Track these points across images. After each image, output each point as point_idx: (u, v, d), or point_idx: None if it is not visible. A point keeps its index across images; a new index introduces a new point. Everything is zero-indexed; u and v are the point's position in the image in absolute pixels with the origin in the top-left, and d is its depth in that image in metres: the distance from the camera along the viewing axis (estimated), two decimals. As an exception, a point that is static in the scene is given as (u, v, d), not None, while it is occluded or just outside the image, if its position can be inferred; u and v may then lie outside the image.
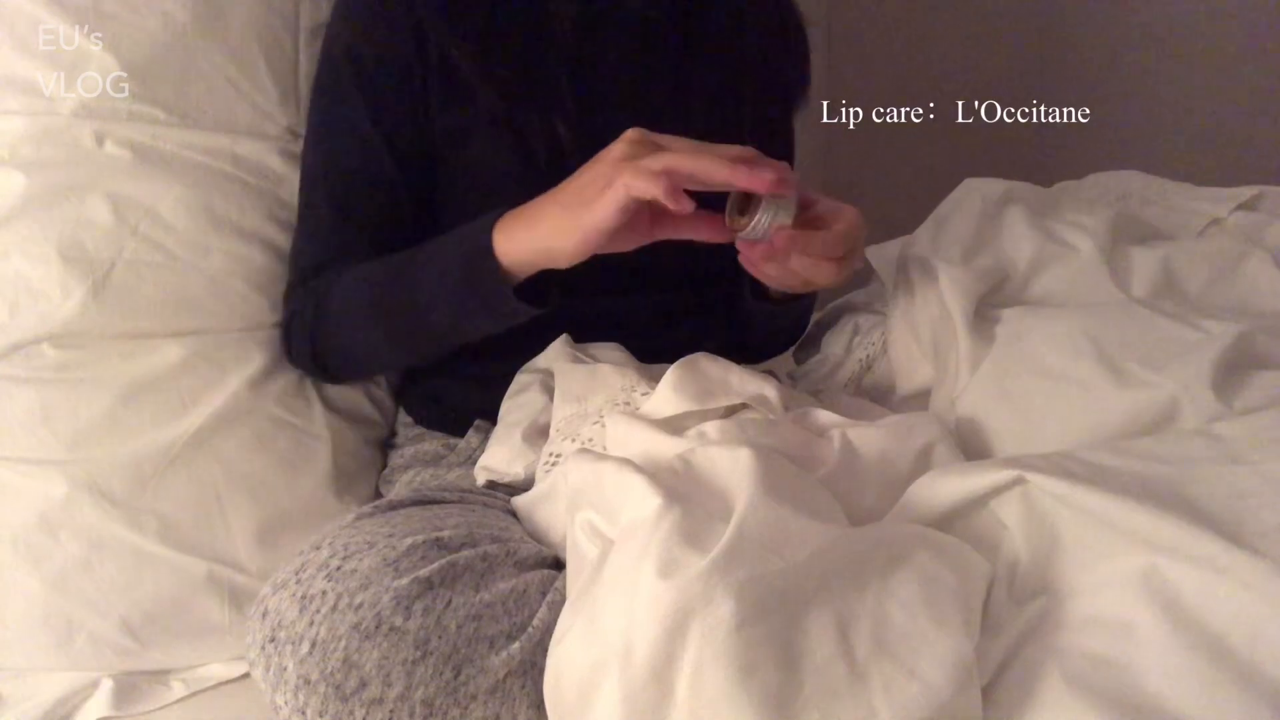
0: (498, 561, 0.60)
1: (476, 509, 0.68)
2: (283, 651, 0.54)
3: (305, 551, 0.58)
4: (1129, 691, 0.48)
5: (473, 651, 0.55)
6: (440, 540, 0.59)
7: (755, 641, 0.47)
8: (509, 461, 0.74)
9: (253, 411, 0.86)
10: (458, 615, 0.55)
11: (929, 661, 0.49)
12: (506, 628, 0.57)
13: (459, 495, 0.71)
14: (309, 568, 0.56)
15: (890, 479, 0.65)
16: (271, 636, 0.54)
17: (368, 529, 0.60)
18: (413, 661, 0.53)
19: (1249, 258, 0.85)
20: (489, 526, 0.64)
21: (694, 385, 0.69)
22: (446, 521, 0.62)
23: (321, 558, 0.57)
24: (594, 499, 0.57)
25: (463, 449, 0.86)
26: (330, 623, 0.53)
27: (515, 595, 0.59)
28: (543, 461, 0.72)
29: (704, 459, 0.57)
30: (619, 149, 0.64)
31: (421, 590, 0.55)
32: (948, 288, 0.81)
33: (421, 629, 0.54)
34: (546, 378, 0.79)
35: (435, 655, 0.54)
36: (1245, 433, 0.61)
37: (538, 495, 0.68)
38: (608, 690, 0.48)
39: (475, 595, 0.57)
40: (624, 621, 0.48)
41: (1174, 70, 1.55)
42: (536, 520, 0.69)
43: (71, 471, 0.79)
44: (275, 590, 0.56)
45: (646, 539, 0.49)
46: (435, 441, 0.90)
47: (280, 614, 0.55)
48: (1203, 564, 0.51)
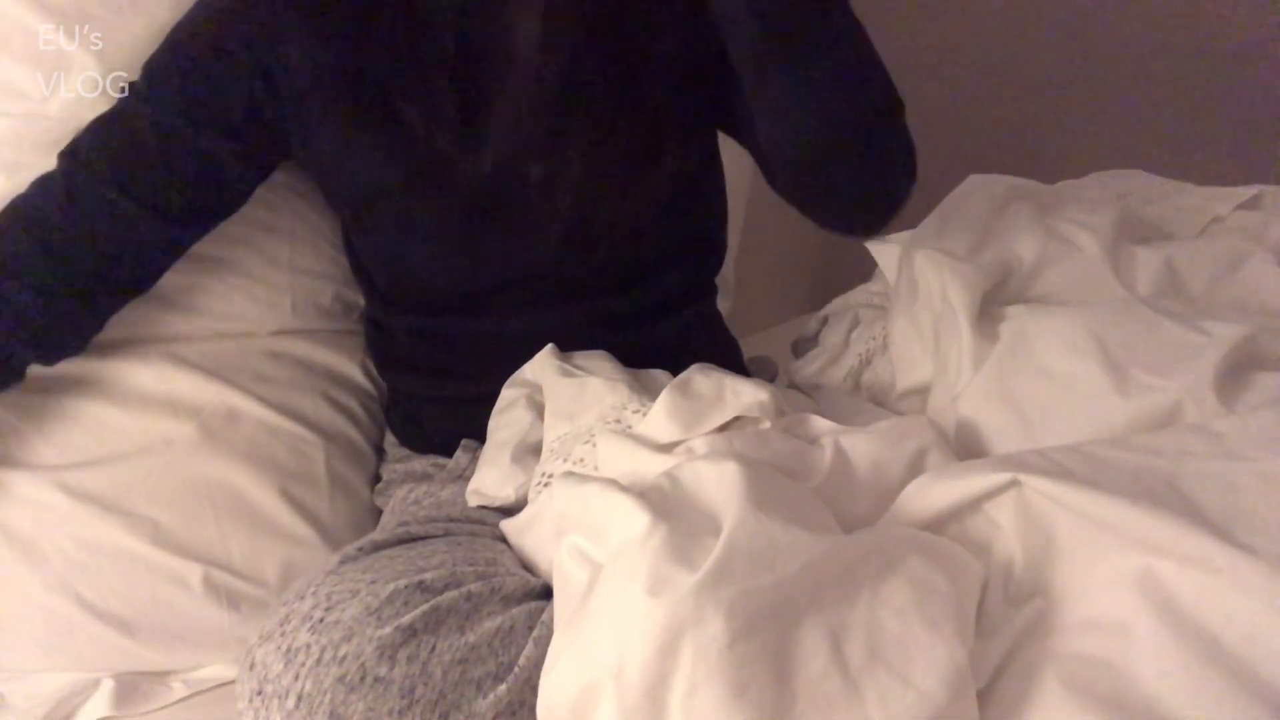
0: (483, 600, 0.59)
1: (463, 540, 0.68)
2: (269, 705, 0.54)
3: (290, 601, 0.58)
4: (1125, 693, 0.48)
5: (459, 696, 0.55)
6: (423, 583, 0.58)
7: (748, 658, 0.47)
8: (499, 485, 0.74)
9: (247, 415, 0.86)
10: (443, 660, 0.55)
11: (923, 669, 0.49)
12: (493, 668, 0.57)
13: (445, 527, 0.70)
14: (293, 619, 0.56)
15: (883, 486, 0.65)
16: (259, 690, 0.55)
17: (351, 575, 0.59)
18: (399, 711, 0.53)
19: (1251, 257, 0.85)
20: (475, 561, 0.64)
21: (689, 410, 0.68)
22: (430, 561, 0.62)
23: (305, 609, 0.57)
24: (580, 522, 0.57)
25: (453, 468, 0.86)
26: (315, 676, 0.53)
27: (501, 634, 0.58)
28: (535, 481, 0.71)
29: (690, 474, 0.57)
30: None
31: (405, 638, 0.55)
32: (951, 282, 0.80)
33: (406, 677, 0.54)
34: (534, 392, 0.79)
35: (422, 703, 0.54)
36: (1243, 429, 0.61)
37: (526, 520, 0.67)
38: (603, 712, 0.48)
39: (460, 638, 0.56)
40: (615, 642, 0.48)
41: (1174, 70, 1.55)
42: (525, 545, 0.69)
43: (65, 476, 0.79)
44: (262, 642, 0.56)
45: (635, 558, 0.49)
46: (424, 461, 0.90)
47: (266, 667, 0.55)
48: (1198, 565, 0.50)
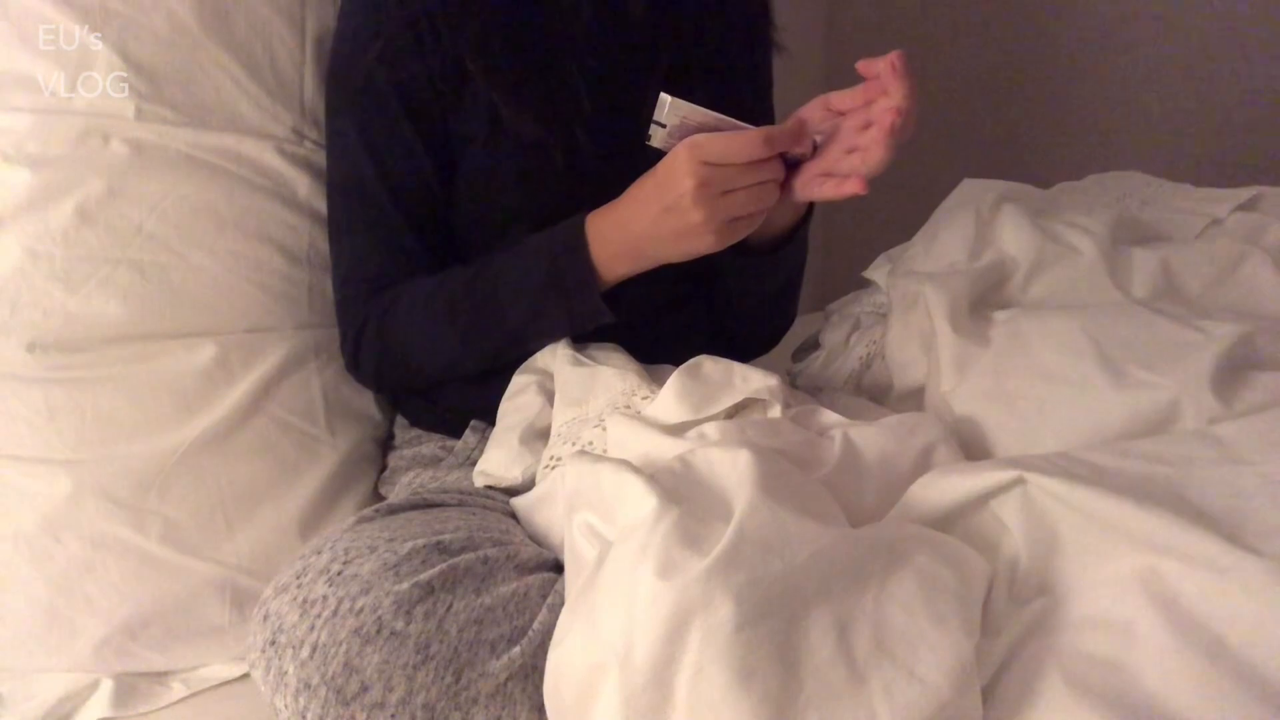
0: (498, 565, 0.60)
1: (477, 512, 0.68)
2: (283, 655, 0.54)
3: (306, 556, 0.59)
4: (1128, 692, 0.48)
5: (474, 655, 0.55)
6: (441, 544, 0.59)
7: (755, 643, 0.47)
8: (506, 465, 0.74)
9: (258, 414, 0.86)
10: (459, 619, 0.55)
11: (929, 662, 0.49)
12: (507, 631, 0.57)
13: (459, 498, 0.71)
14: (310, 572, 0.57)
15: (891, 479, 0.65)
16: (272, 640, 0.55)
17: (368, 533, 0.60)
18: (414, 666, 0.53)
19: (1248, 259, 0.85)
20: (489, 529, 0.64)
21: (697, 392, 0.69)
22: (447, 525, 0.62)
23: (322, 562, 0.57)
24: (591, 500, 0.57)
25: (460, 450, 0.86)
26: (331, 627, 0.53)
27: (516, 598, 0.59)
28: (543, 464, 0.71)
29: (703, 460, 0.57)
30: (691, 189, 0.70)
31: (422, 594, 0.55)
32: (929, 289, 0.82)
33: (422, 633, 0.54)
34: (544, 379, 0.79)
35: (436, 659, 0.54)
36: (1245, 434, 0.61)
37: (537, 497, 0.68)
38: (608, 692, 0.48)
39: (476, 599, 0.57)
40: (623, 623, 0.48)
41: (1175, 70, 1.55)
42: (536, 522, 0.69)
43: (76, 472, 0.79)
44: (277, 594, 0.56)
45: (645, 540, 0.49)
46: (433, 443, 0.90)
47: (281, 618, 0.55)
48: (1202, 565, 0.51)
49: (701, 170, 0.69)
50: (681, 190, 0.70)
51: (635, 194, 0.75)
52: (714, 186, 0.70)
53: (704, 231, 0.71)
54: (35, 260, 0.79)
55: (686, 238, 0.72)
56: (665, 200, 0.71)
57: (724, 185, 0.70)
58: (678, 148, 0.71)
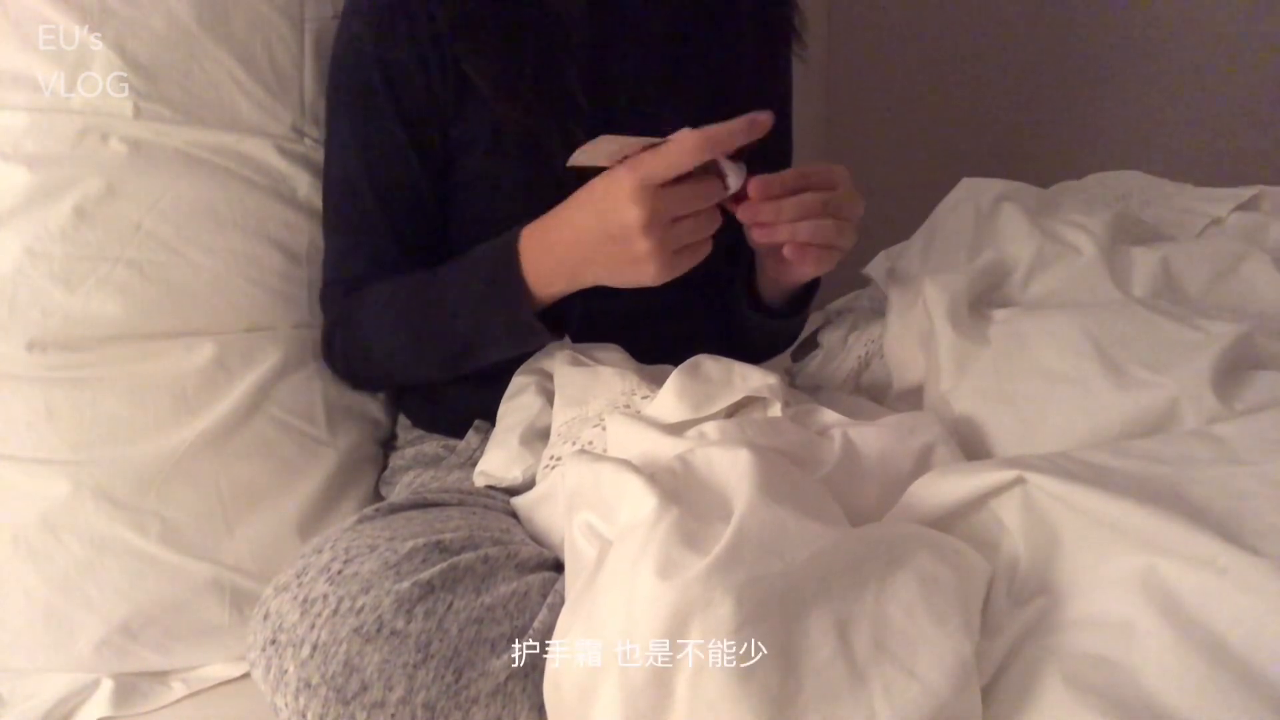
0: (499, 564, 0.60)
1: (477, 511, 0.68)
2: (284, 654, 0.54)
3: (307, 554, 0.59)
4: (1128, 692, 0.48)
5: (474, 655, 0.55)
6: (441, 543, 0.59)
7: (755, 643, 0.47)
8: (506, 466, 0.74)
9: (258, 414, 0.85)
10: (459, 618, 0.55)
11: (929, 662, 0.49)
12: (508, 630, 0.57)
13: (459, 497, 0.71)
14: (310, 571, 0.57)
15: (891, 479, 0.65)
16: (273, 639, 0.55)
17: (369, 532, 0.60)
18: (414, 665, 0.53)
19: (1248, 258, 0.85)
20: (490, 529, 0.64)
21: (697, 391, 0.69)
22: (448, 524, 0.62)
23: (323, 561, 0.57)
24: (591, 500, 0.57)
25: (463, 450, 0.86)
26: (331, 626, 0.53)
27: (516, 598, 0.59)
28: (543, 464, 0.72)
29: (702, 460, 0.57)
30: (639, 219, 0.65)
31: (423, 593, 0.55)
32: (929, 288, 0.82)
33: (423, 632, 0.54)
34: (544, 379, 0.79)
35: (437, 658, 0.54)
36: (1245, 434, 0.61)
37: (537, 497, 0.68)
38: (607, 692, 0.48)
39: (476, 598, 0.57)
40: (623, 622, 0.48)
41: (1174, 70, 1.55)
42: (536, 522, 0.69)
43: (75, 472, 0.79)
44: (277, 593, 0.56)
45: (644, 540, 0.49)
46: (435, 443, 0.90)
47: (282, 616, 0.55)
48: (1202, 565, 0.51)
49: (647, 196, 0.65)
50: (627, 220, 0.65)
51: (570, 217, 0.71)
52: (662, 215, 0.65)
53: (649, 261, 0.67)
54: (34, 259, 0.78)
55: (630, 268, 0.68)
56: (608, 228, 0.67)
57: (672, 211, 0.66)
58: (617, 170, 0.66)
